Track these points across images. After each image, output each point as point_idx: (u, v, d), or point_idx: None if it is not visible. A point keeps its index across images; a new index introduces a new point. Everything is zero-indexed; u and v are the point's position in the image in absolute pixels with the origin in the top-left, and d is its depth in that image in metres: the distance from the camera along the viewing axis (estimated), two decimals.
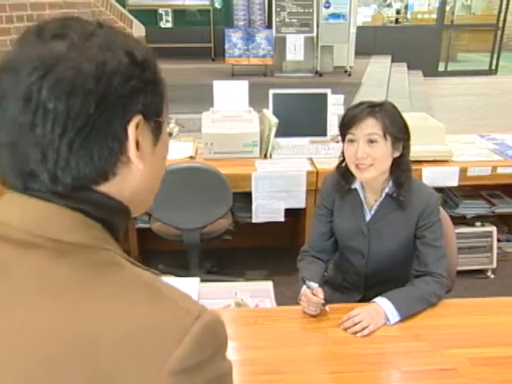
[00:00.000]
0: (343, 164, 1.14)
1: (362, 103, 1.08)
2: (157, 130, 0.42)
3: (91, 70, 0.36)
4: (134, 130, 0.38)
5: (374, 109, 1.05)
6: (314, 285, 1.06)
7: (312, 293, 1.02)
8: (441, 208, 1.28)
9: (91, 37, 0.37)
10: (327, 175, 1.23)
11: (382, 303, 1.00)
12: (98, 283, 0.36)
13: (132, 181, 0.40)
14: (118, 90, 0.37)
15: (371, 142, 1.05)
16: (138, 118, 0.39)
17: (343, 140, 1.10)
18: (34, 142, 0.36)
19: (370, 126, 1.04)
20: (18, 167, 0.37)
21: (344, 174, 1.14)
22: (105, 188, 0.39)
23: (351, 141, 1.07)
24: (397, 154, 1.08)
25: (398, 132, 1.06)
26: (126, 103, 0.38)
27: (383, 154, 1.05)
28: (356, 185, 1.14)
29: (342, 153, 1.13)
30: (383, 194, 1.11)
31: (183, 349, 0.34)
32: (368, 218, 1.14)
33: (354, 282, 1.22)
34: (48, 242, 0.36)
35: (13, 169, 0.38)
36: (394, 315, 0.99)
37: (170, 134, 0.46)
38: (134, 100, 0.38)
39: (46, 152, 0.36)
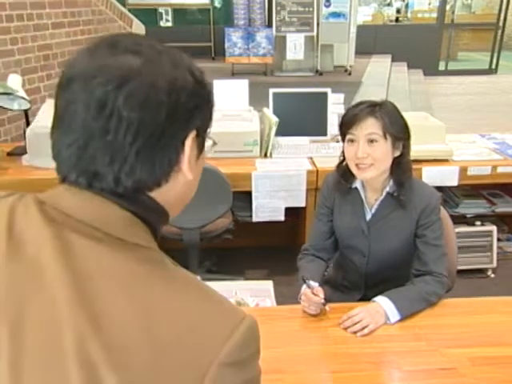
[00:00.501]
0: (343, 163, 1.14)
1: (361, 103, 1.08)
2: (202, 145, 0.45)
3: (164, 85, 0.39)
4: (191, 144, 0.42)
5: (374, 108, 1.04)
6: (315, 284, 1.05)
7: (312, 292, 1.01)
8: (441, 207, 1.28)
9: (161, 54, 0.41)
10: (328, 174, 1.23)
11: (383, 302, 1.00)
12: (157, 278, 0.39)
13: (176, 189, 0.44)
14: (184, 105, 0.41)
15: (371, 141, 1.04)
16: (194, 133, 0.42)
17: (343, 140, 1.10)
18: (104, 146, 0.39)
19: (369, 126, 1.04)
20: (84, 167, 0.40)
21: (344, 173, 1.14)
22: (155, 194, 0.42)
23: (351, 140, 1.07)
24: (397, 154, 1.07)
25: (398, 131, 1.06)
26: (189, 118, 0.41)
27: (383, 153, 1.05)
28: (357, 184, 1.14)
29: (343, 152, 1.13)
30: (384, 193, 1.11)
31: (232, 344, 0.37)
32: (368, 217, 1.14)
33: (355, 282, 1.22)
34: (112, 239, 0.39)
35: (77, 168, 0.40)
36: (394, 314, 0.99)
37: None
38: (195, 115, 0.42)
39: (114, 157, 0.39)
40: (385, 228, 1.13)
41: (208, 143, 0.47)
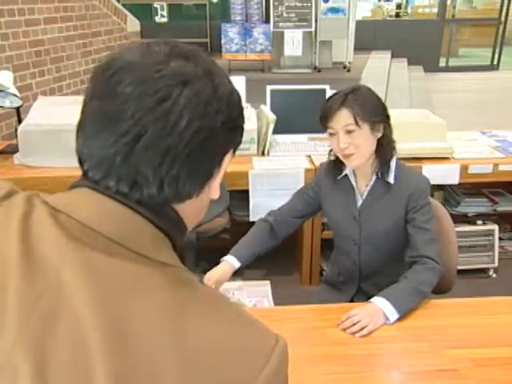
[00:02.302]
0: (332, 152, 1.18)
1: (335, 94, 1.09)
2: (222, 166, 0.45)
3: (225, 93, 0.40)
4: (228, 160, 0.42)
5: (347, 97, 1.06)
6: (221, 280, 1.11)
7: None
8: (441, 206, 1.27)
9: (216, 67, 0.42)
10: (322, 162, 1.27)
11: (380, 303, 0.99)
12: (190, 301, 0.37)
13: (198, 204, 0.43)
14: (234, 120, 0.42)
15: (349, 132, 1.07)
16: (232, 151, 0.43)
17: (326, 131, 1.13)
18: (156, 142, 0.36)
19: (343, 118, 1.06)
20: (129, 168, 0.37)
21: (335, 161, 1.18)
22: (180, 207, 0.41)
23: (332, 134, 1.10)
24: (379, 135, 1.09)
25: (373, 115, 1.07)
26: (234, 134, 0.42)
27: (363, 140, 1.07)
28: (347, 171, 1.17)
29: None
30: (373, 178, 1.13)
31: (271, 368, 0.36)
32: (360, 203, 1.16)
33: (349, 274, 1.22)
34: (137, 257, 0.37)
35: (121, 170, 0.37)
36: (392, 313, 0.98)
37: None
38: (237, 134, 0.43)
39: (165, 156, 0.37)
40: (374, 213, 1.14)
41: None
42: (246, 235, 1.23)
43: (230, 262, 1.15)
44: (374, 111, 1.07)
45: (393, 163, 1.12)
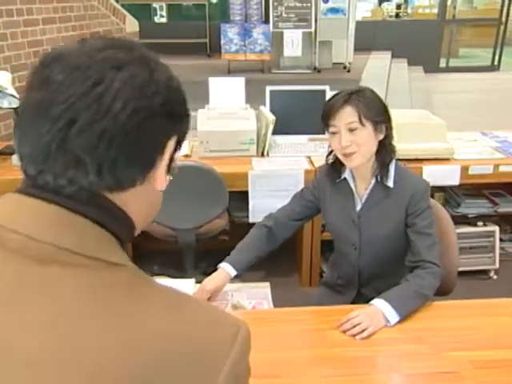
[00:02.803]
0: (332, 154, 1.17)
1: (339, 92, 1.09)
2: (171, 162, 0.44)
3: (163, 77, 0.40)
4: (171, 149, 0.42)
5: (351, 96, 1.06)
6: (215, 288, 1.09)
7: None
8: (442, 207, 1.26)
9: (153, 54, 0.42)
10: (321, 165, 1.25)
11: (380, 305, 0.99)
12: (145, 300, 0.37)
13: (147, 197, 0.43)
14: (174, 105, 0.41)
15: (351, 130, 1.06)
16: (175, 139, 0.42)
17: (327, 131, 1.12)
18: (89, 125, 0.36)
19: (347, 115, 1.06)
20: (63, 156, 0.36)
21: (333, 164, 1.17)
22: (121, 199, 0.40)
23: (334, 132, 1.09)
24: (381, 137, 1.09)
25: (376, 115, 1.07)
26: (175, 119, 0.41)
27: (365, 139, 1.07)
28: (346, 174, 1.16)
29: (330, 144, 1.15)
30: (372, 181, 1.13)
31: (235, 355, 0.37)
32: (359, 207, 1.15)
33: (349, 278, 1.21)
34: (85, 260, 0.36)
35: (53, 160, 0.36)
36: (392, 316, 0.98)
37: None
38: (181, 120, 0.42)
39: (101, 138, 0.36)
40: (374, 217, 1.13)
41: (175, 169, 0.46)
42: (244, 239, 1.22)
43: (227, 270, 1.14)
44: (378, 111, 1.07)
45: (392, 167, 1.11)
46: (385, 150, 1.10)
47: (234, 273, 1.14)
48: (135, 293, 0.37)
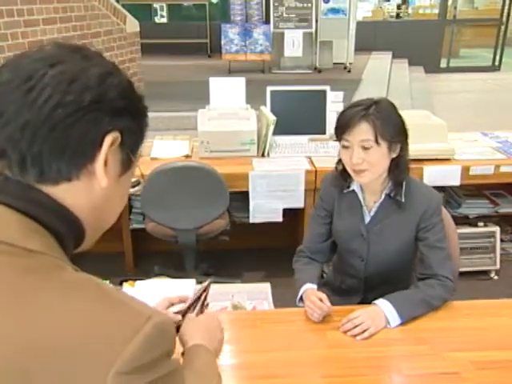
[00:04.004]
0: (341, 163, 1.12)
1: (356, 104, 1.04)
2: (126, 165, 0.45)
3: (96, 73, 0.41)
4: (109, 143, 0.41)
5: (368, 111, 1.01)
6: (322, 294, 1.03)
7: (319, 299, 1.00)
8: (443, 208, 1.25)
9: (101, 58, 0.43)
10: (326, 175, 1.21)
11: (383, 305, 0.98)
12: (43, 287, 0.37)
13: (89, 195, 0.42)
14: (111, 100, 0.41)
15: (365, 148, 1.02)
16: (116, 135, 0.41)
17: (339, 141, 1.08)
18: (16, 115, 0.37)
19: (362, 132, 1.01)
20: None
21: (342, 172, 1.12)
22: (61, 192, 0.41)
23: (346, 147, 1.05)
24: (395, 155, 1.05)
25: (393, 135, 1.02)
26: (113, 114, 0.41)
27: (378, 158, 1.03)
28: (354, 186, 1.13)
29: (339, 151, 1.11)
30: (383, 196, 1.09)
31: (133, 348, 0.35)
32: (367, 220, 1.12)
33: (353, 285, 1.20)
34: (1, 246, 0.37)
35: None
36: (394, 318, 0.97)
37: (133, 185, 0.50)
38: (120, 116, 0.42)
39: (25, 128, 0.38)
40: (384, 231, 1.10)
41: (138, 180, 0.45)
42: (296, 274, 1.15)
43: (310, 287, 1.07)
44: (396, 130, 1.02)
45: (403, 181, 1.08)
46: (398, 169, 1.05)
47: (315, 286, 1.08)
48: (39, 277, 0.37)
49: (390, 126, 1.01)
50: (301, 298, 1.07)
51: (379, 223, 1.10)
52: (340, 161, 1.13)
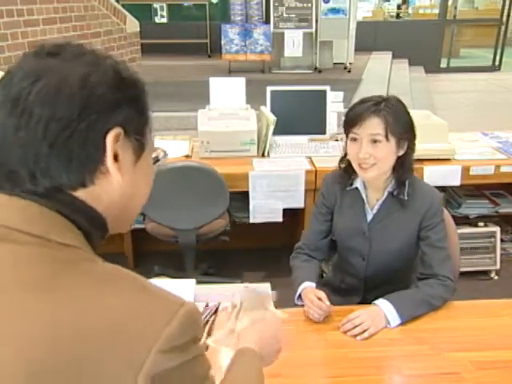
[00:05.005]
0: (345, 160, 1.12)
1: (366, 100, 1.05)
2: (138, 149, 0.45)
3: (76, 79, 0.40)
4: (113, 140, 0.41)
5: (379, 106, 1.02)
6: (321, 293, 1.03)
7: (318, 298, 0.99)
8: (443, 208, 1.25)
9: (81, 55, 0.42)
10: (327, 174, 1.21)
11: (383, 305, 0.98)
12: (84, 276, 0.39)
13: (110, 192, 0.43)
14: (100, 99, 0.40)
15: (374, 141, 1.02)
16: (117, 130, 0.42)
17: (346, 136, 1.08)
18: (16, 142, 0.39)
19: (373, 126, 1.02)
20: (2, 167, 0.40)
21: (346, 169, 1.12)
22: (83, 195, 0.42)
23: (354, 139, 1.05)
24: (401, 153, 1.05)
25: (402, 131, 1.03)
26: (107, 112, 0.41)
27: (386, 153, 1.03)
28: (357, 184, 1.12)
29: (345, 147, 1.11)
30: (385, 193, 1.10)
31: (172, 329, 0.37)
32: (369, 217, 1.12)
33: (353, 285, 1.20)
34: (31, 238, 0.39)
35: None
36: (394, 318, 0.97)
37: (157, 160, 0.50)
38: (115, 111, 0.41)
39: (26, 152, 0.39)
40: (385, 229, 1.10)
41: (158, 154, 0.48)
42: (294, 272, 1.14)
43: (309, 285, 1.07)
44: (405, 127, 1.03)
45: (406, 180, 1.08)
46: (402, 168, 1.06)
47: (313, 284, 1.07)
48: (79, 267, 0.39)
49: (400, 122, 1.02)
50: (299, 297, 1.06)
51: (381, 221, 1.10)
52: (343, 158, 1.13)
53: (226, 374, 0.58)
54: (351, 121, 1.04)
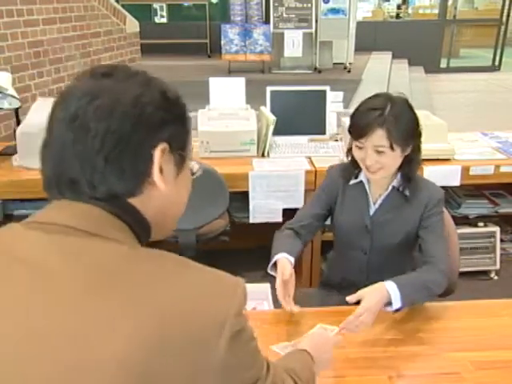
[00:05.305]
0: (351, 153, 1.12)
1: (371, 106, 1.03)
2: (180, 163, 0.50)
3: (129, 99, 0.45)
4: (159, 155, 0.46)
5: (383, 115, 1.00)
6: (292, 282, 1.02)
7: (287, 295, 0.99)
8: (443, 206, 1.25)
9: (132, 77, 0.47)
10: (331, 166, 1.22)
11: (390, 288, 0.95)
12: (156, 265, 0.44)
13: (156, 202, 0.48)
14: (149, 118, 0.45)
15: (379, 152, 1.03)
16: (163, 146, 0.46)
17: (353, 142, 1.08)
18: (74, 154, 0.44)
19: (378, 138, 1.02)
20: (61, 176, 0.45)
21: (353, 162, 1.12)
22: (133, 202, 0.47)
23: (359, 147, 1.06)
24: (408, 152, 1.06)
25: (407, 138, 1.03)
26: (155, 130, 0.46)
27: (392, 160, 1.04)
28: (362, 177, 1.13)
29: (349, 143, 1.11)
30: (389, 188, 1.10)
31: (239, 299, 0.45)
32: (372, 211, 1.12)
33: (355, 280, 1.19)
34: (93, 236, 0.44)
35: (57, 178, 0.46)
36: (397, 301, 0.95)
37: (193, 173, 0.54)
38: (162, 128, 0.47)
39: (84, 163, 0.44)
40: (388, 223, 1.11)
41: (194, 166, 0.53)
42: (275, 242, 1.14)
43: (286, 257, 1.05)
44: (410, 133, 1.03)
45: None
46: (409, 166, 1.07)
47: (291, 259, 1.06)
48: (151, 260, 0.45)
49: (405, 131, 1.02)
50: (274, 266, 1.05)
51: (384, 215, 1.11)
52: (349, 151, 1.12)
53: (281, 359, 0.69)
54: (355, 132, 1.04)
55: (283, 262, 1.05)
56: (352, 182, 1.14)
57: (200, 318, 0.42)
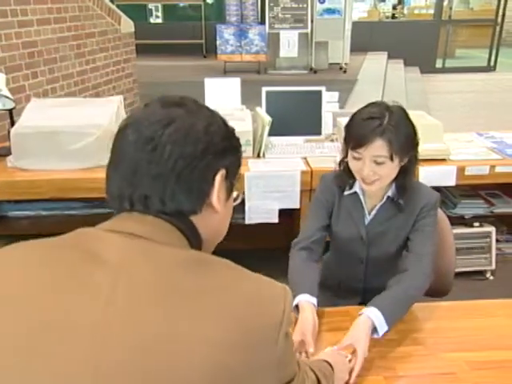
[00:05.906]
0: (345, 160, 1.08)
1: (369, 116, 1.00)
2: (230, 190, 0.56)
3: (202, 126, 0.51)
4: (220, 179, 0.52)
5: (382, 125, 0.97)
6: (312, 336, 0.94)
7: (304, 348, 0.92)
8: (439, 209, 1.24)
9: (201, 108, 0.53)
10: (324, 175, 1.18)
11: (373, 316, 0.92)
12: (219, 269, 0.49)
13: (209, 221, 0.54)
14: (216, 145, 0.51)
15: (378, 163, 1.00)
16: (223, 171, 0.52)
17: (348, 149, 1.04)
18: (148, 172, 0.48)
19: (377, 148, 0.98)
20: (135, 192, 0.49)
21: (346, 171, 1.09)
22: (194, 219, 0.52)
23: (356, 158, 1.02)
24: (405, 162, 1.03)
25: (406, 148, 1.01)
26: (220, 156, 0.52)
27: (389, 171, 1.02)
28: (356, 188, 1.11)
29: (342, 149, 1.08)
30: (384, 198, 1.09)
31: (288, 302, 0.49)
32: (367, 221, 1.11)
33: (352, 288, 1.19)
34: (167, 246, 0.48)
35: (130, 195, 0.50)
36: (382, 328, 0.93)
37: (234, 200, 0.58)
38: (224, 156, 0.52)
39: (157, 180, 0.49)
40: (384, 233, 1.10)
41: (237, 195, 0.58)
42: (294, 272, 1.08)
43: (307, 299, 0.98)
44: (408, 143, 1.00)
45: None
46: (404, 176, 1.04)
47: (314, 300, 0.99)
48: (207, 267, 0.49)
49: (404, 141, 0.99)
50: (296, 307, 1.00)
51: (380, 225, 1.09)
52: (342, 161, 1.09)
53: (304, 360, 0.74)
54: (353, 142, 1.00)
55: (306, 312, 0.96)
56: (346, 192, 1.12)
57: (263, 318, 0.47)
